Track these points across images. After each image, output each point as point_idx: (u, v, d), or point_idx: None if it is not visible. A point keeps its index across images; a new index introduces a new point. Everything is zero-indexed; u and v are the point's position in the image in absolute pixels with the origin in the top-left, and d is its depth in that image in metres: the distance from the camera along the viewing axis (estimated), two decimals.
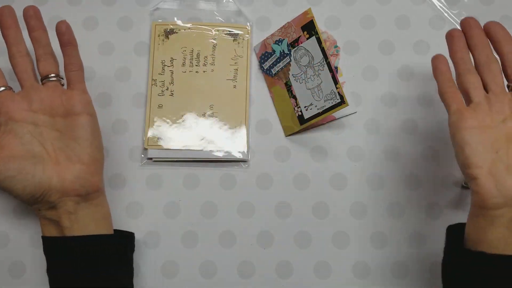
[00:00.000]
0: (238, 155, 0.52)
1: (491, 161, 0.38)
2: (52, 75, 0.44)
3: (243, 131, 0.53)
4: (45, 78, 0.44)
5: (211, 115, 0.53)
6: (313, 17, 0.49)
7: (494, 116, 0.40)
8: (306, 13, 0.50)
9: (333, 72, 0.48)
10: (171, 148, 0.52)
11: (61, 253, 0.42)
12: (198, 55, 0.55)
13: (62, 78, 0.45)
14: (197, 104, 0.53)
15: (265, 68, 0.55)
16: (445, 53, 0.44)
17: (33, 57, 0.45)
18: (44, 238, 0.44)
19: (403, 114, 0.54)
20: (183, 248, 0.51)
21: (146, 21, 0.56)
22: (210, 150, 0.52)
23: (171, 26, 0.55)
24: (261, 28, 0.56)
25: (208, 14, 0.56)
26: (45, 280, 0.50)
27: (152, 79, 0.54)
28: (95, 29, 0.56)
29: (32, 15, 0.44)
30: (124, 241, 0.46)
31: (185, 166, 0.53)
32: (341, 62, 0.55)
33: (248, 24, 0.56)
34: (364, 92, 0.55)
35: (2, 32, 0.44)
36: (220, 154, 0.52)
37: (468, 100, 0.42)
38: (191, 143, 0.52)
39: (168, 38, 0.55)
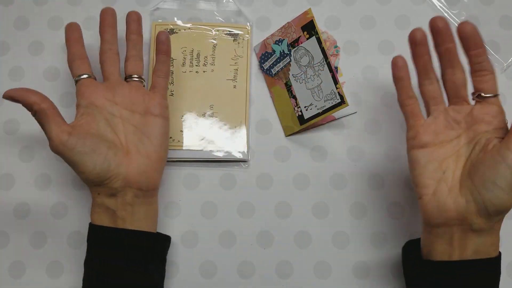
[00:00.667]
0: (238, 155, 0.52)
1: (437, 181, 0.40)
2: (137, 76, 0.47)
3: (243, 131, 0.53)
4: (129, 77, 0.47)
5: (211, 115, 0.53)
6: (313, 17, 0.49)
7: (449, 132, 0.41)
8: (306, 13, 0.50)
9: (333, 72, 0.48)
10: (171, 148, 0.52)
11: (111, 243, 0.43)
12: (198, 55, 0.55)
13: (144, 80, 0.48)
14: (197, 104, 0.53)
15: (265, 68, 0.55)
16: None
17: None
18: (95, 227, 0.43)
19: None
20: (183, 248, 0.51)
21: (146, 21, 0.56)
22: (210, 150, 0.52)
23: (171, 26, 0.55)
24: (261, 28, 0.56)
25: (208, 14, 0.56)
26: (45, 280, 0.50)
27: None
28: (95, 29, 0.55)
29: (135, 19, 0.48)
30: (165, 242, 0.48)
31: (185, 166, 0.53)
32: (341, 62, 0.55)
33: (248, 24, 0.56)
34: (364, 92, 0.55)
35: (101, 29, 0.47)
36: (220, 154, 0.52)
37: (427, 111, 0.42)
38: (191, 143, 0.52)
39: None
